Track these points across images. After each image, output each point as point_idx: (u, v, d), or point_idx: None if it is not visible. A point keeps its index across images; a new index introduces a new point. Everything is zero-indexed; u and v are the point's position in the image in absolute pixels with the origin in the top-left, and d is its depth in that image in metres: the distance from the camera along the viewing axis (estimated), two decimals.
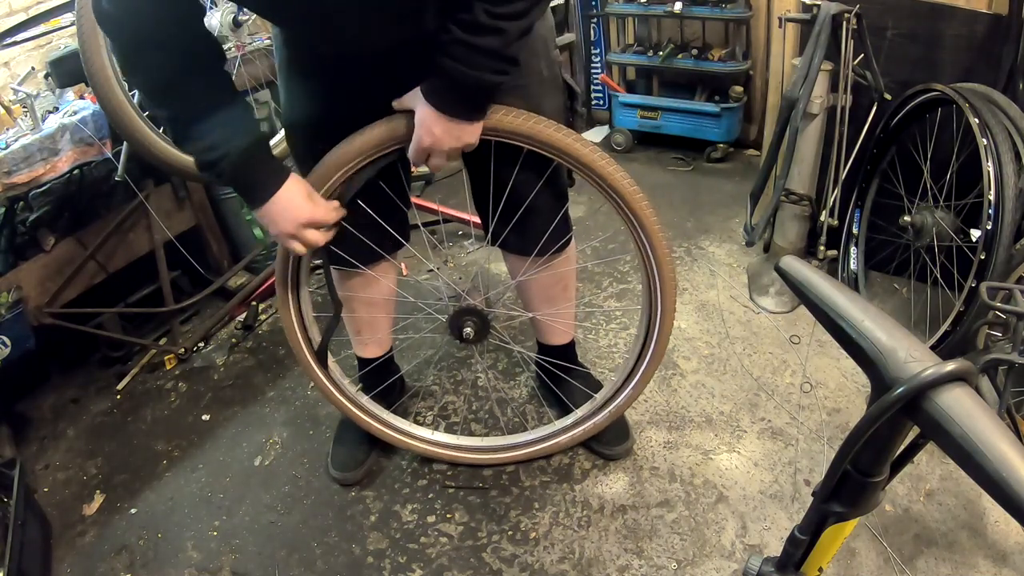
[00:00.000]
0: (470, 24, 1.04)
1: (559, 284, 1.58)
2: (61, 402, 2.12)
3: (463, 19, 1.04)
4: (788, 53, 2.27)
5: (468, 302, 1.50)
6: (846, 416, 1.73)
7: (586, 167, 1.28)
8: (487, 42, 1.05)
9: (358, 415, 1.62)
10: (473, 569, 1.48)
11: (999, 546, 1.40)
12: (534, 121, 1.22)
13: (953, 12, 1.88)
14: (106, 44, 1.71)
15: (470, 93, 1.12)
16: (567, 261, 1.56)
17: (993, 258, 1.51)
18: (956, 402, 0.49)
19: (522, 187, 1.34)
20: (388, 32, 1.13)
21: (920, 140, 1.94)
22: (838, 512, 0.63)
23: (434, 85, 1.12)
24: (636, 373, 1.51)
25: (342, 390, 1.60)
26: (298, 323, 1.49)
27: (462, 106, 1.14)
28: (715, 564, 1.43)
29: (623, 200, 1.31)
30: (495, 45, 1.06)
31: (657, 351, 1.47)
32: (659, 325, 1.43)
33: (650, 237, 1.35)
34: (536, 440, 1.65)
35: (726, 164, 3.04)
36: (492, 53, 1.06)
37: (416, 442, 1.66)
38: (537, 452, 1.65)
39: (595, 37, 3.30)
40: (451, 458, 1.68)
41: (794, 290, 0.64)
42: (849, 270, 2.15)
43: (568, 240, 1.52)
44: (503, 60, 1.08)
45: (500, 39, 1.05)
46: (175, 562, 1.57)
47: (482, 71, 1.08)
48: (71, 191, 1.99)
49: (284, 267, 1.41)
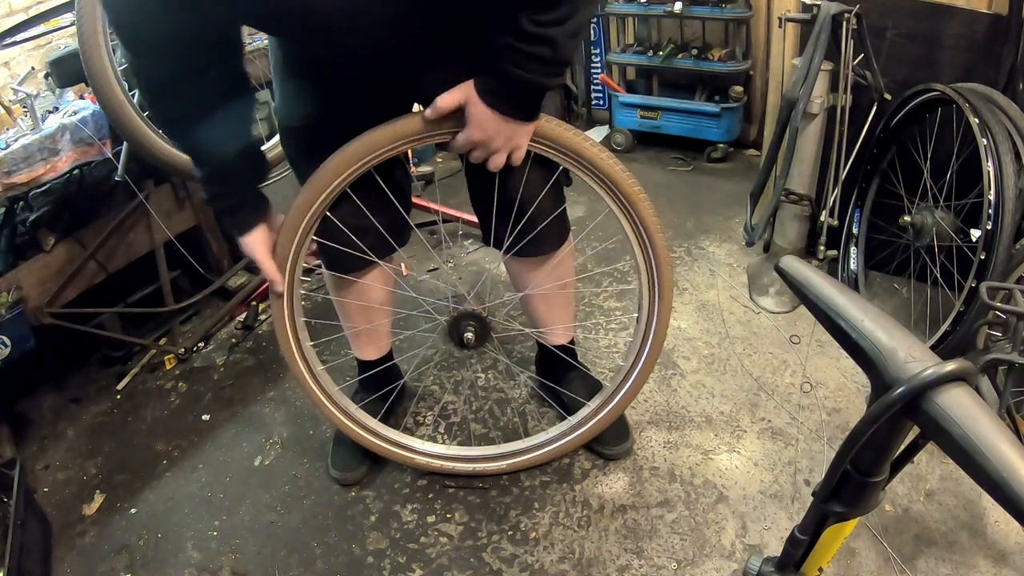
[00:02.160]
0: (520, 33, 1.06)
1: (557, 283, 1.58)
2: (61, 402, 2.12)
3: (514, 28, 1.06)
4: (788, 53, 2.27)
5: (470, 307, 1.49)
6: (846, 416, 1.73)
7: (594, 168, 1.29)
8: (538, 50, 1.08)
9: (352, 428, 1.59)
10: (473, 569, 1.48)
11: (999, 546, 1.40)
12: (555, 124, 1.25)
13: (953, 12, 1.88)
14: (106, 44, 1.71)
15: (525, 94, 1.15)
16: (564, 260, 1.56)
17: (993, 258, 1.51)
18: (956, 402, 0.49)
19: (525, 189, 1.35)
20: (385, 42, 1.14)
21: (920, 140, 1.94)
22: (838, 512, 0.63)
23: (489, 84, 1.14)
24: (635, 369, 1.53)
25: (336, 402, 1.57)
26: (292, 333, 1.46)
27: (516, 105, 1.16)
28: (715, 564, 1.43)
29: (627, 201, 1.33)
30: (546, 53, 1.08)
31: (655, 343, 1.49)
32: (656, 321, 1.45)
33: (651, 235, 1.36)
34: (537, 446, 1.62)
35: (726, 164, 3.04)
36: (544, 59, 1.09)
37: (417, 456, 1.63)
38: (539, 458, 1.63)
39: (595, 37, 3.30)
40: (451, 470, 1.65)
41: (794, 290, 0.64)
42: (849, 270, 2.15)
43: (565, 239, 1.52)
44: (556, 64, 1.11)
45: (549, 47, 1.08)
46: (175, 562, 1.57)
47: (536, 74, 1.10)
48: (71, 191, 1.99)
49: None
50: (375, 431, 1.62)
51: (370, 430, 1.61)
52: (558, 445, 1.61)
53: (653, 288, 1.41)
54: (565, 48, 1.09)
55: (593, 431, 1.60)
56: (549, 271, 1.52)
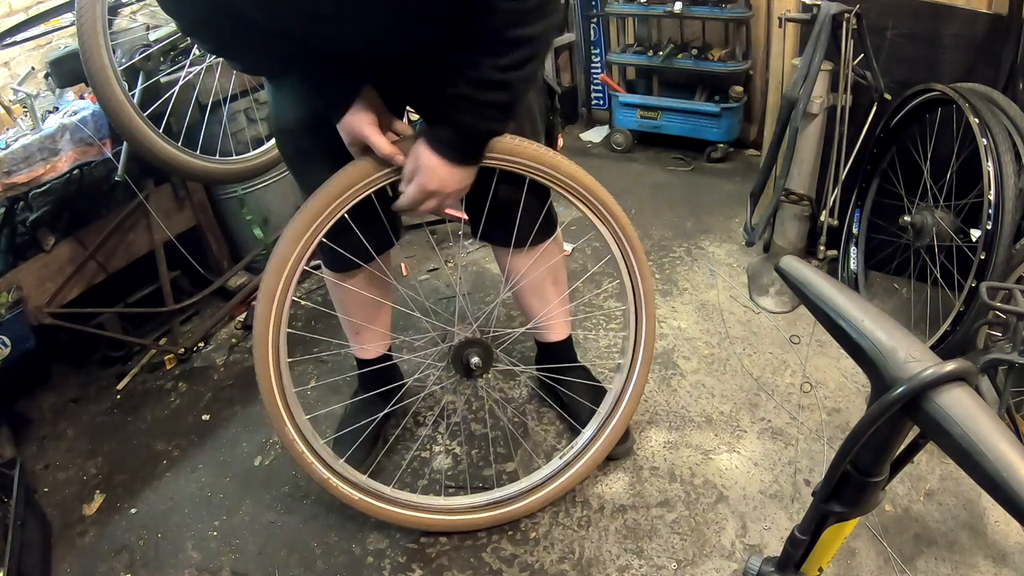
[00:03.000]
0: (477, 81, 1.07)
1: (549, 277, 1.59)
2: (61, 402, 2.12)
3: (469, 76, 1.07)
4: (788, 53, 2.27)
5: (462, 336, 1.47)
6: (846, 416, 1.73)
7: (564, 180, 1.33)
8: (495, 97, 1.09)
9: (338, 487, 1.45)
10: (473, 569, 1.48)
11: (999, 546, 1.40)
12: (518, 141, 1.27)
13: (953, 12, 1.88)
14: (106, 44, 1.71)
15: (478, 142, 1.17)
16: (553, 251, 1.57)
17: (993, 258, 1.51)
18: (956, 402, 0.49)
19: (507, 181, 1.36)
20: (381, 48, 1.16)
21: (920, 140, 1.94)
22: (838, 512, 0.63)
23: (442, 136, 1.15)
24: (634, 368, 1.55)
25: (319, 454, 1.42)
26: (274, 371, 1.32)
27: (469, 153, 1.18)
28: (715, 564, 1.43)
29: (608, 213, 1.39)
30: (503, 99, 1.10)
31: (648, 335, 1.54)
32: (644, 312, 1.51)
33: (623, 229, 1.43)
34: (548, 478, 1.56)
35: (726, 164, 3.04)
36: (501, 106, 1.10)
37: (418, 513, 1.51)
38: (554, 493, 1.56)
39: (595, 37, 3.30)
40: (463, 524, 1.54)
41: (794, 290, 0.64)
42: (849, 270, 2.15)
43: (553, 231, 1.54)
44: (511, 110, 1.13)
45: (507, 93, 1.10)
46: (175, 562, 1.57)
47: (492, 122, 1.13)
48: (71, 191, 1.99)
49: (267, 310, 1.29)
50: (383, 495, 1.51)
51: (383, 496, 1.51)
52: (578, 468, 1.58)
53: (637, 294, 1.48)
54: (521, 93, 1.12)
55: (607, 447, 1.60)
56: (537, 263, 1.53)
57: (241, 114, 2.26)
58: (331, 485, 1.43)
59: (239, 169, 2.19)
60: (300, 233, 1.26)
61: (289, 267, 1.26)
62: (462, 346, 1.47)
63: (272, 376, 1.31)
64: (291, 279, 1.28)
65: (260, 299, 1.28)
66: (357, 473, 1.48)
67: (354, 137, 1.21)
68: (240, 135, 2.27)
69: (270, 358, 1.30)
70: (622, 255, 1.46)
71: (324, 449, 1.43)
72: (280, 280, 1.26)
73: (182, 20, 1.11)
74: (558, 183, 1.34)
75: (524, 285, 1.58)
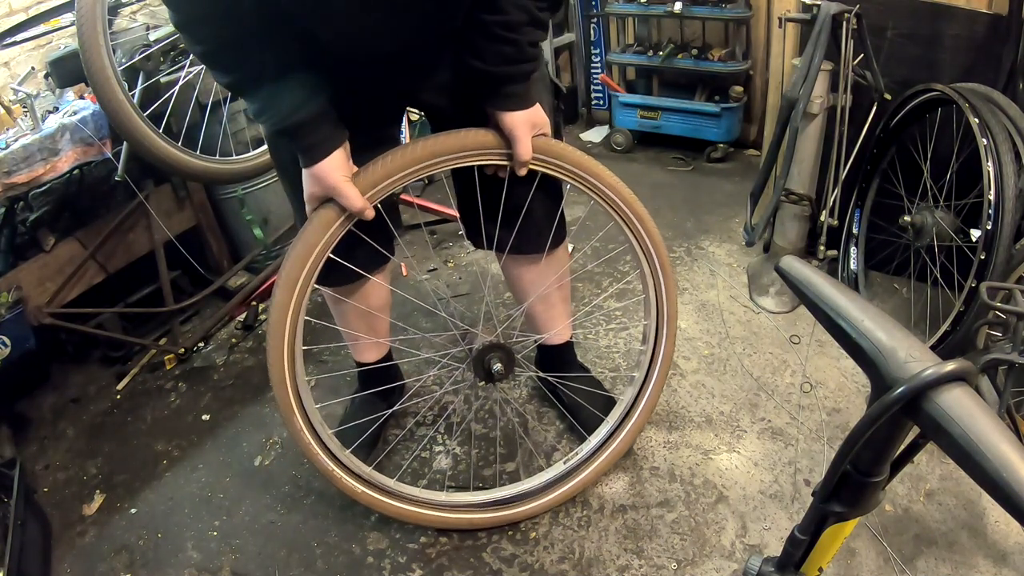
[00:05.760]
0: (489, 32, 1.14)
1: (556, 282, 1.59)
2: (61, 402, 2.12)
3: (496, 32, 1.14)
4: (788, 53, 2.27)
5: (485, 340, 1.44)
6: (846, 416, 1.73)
7: (592, 181, 1.34)
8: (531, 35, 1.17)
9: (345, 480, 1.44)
10: (473, 569, 1.48)
11: (999, 546, 1.40)
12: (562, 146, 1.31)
13: (953, 12, 1.88)
14: (106, 44, 1.71)
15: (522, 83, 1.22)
16: (561, 258, 1.57)
17: (993, 258, 1.51)
18: (956, 402, 0.49)
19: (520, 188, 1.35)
20: (388, 42, 1.15)
21: (920, 140, 1.94)
22: (838, 512, 0.63)
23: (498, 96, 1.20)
24: (648, 383, 1.55)
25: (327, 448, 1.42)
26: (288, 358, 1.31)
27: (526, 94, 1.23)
28: (715, 564, 1.43)
29: (631, 213, 1.38)
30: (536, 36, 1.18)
31: (666, 354, 1.52)
32: (666, 329, 1.48)
33: (656, 247, 1.41)
34: (554, 482, 1.56)
35: (726, 164, 3.04)
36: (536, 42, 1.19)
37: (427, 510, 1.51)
38: (560, 498, 1.56)
39: (595, 37, 3.30)
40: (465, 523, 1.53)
41: (794, 290, 0.64)
42: (849, 270, 2.15)
43: (564, 236, 1.54)
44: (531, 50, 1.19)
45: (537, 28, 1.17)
46: (175, 562, 1.57)
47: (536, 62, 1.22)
48: (71, 191, 1.99)
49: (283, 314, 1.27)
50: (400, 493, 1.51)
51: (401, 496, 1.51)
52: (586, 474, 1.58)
53: (659, 296, 1.46)
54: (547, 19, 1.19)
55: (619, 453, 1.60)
56: (549, 269, 1.52)
57: (241, 114, 2.27)
58: (336, 477, 1.42)
59: (239, 169, 2.19)
60: (330, 222, 1.23)
61: (315, 256, 1.24)
62: (485, 350, 1.45)
63: (285, 363, 1.29)
64: (315, 268, 1.25)
65: (280, 284, 1.25)
66: (362, 465, 1.47)
67: (325, 188, 1.18)
68: (240, 135, 2.27)
69: (284, 344, 1.28)
70: (650, 271, 1.44)
71: (331, 440, 1.41)
72: (304, 268, 1.24)
73: (183, 15, 1.07)
74: (600, 194, 1.36)
75: (532, 293, 1.57)
